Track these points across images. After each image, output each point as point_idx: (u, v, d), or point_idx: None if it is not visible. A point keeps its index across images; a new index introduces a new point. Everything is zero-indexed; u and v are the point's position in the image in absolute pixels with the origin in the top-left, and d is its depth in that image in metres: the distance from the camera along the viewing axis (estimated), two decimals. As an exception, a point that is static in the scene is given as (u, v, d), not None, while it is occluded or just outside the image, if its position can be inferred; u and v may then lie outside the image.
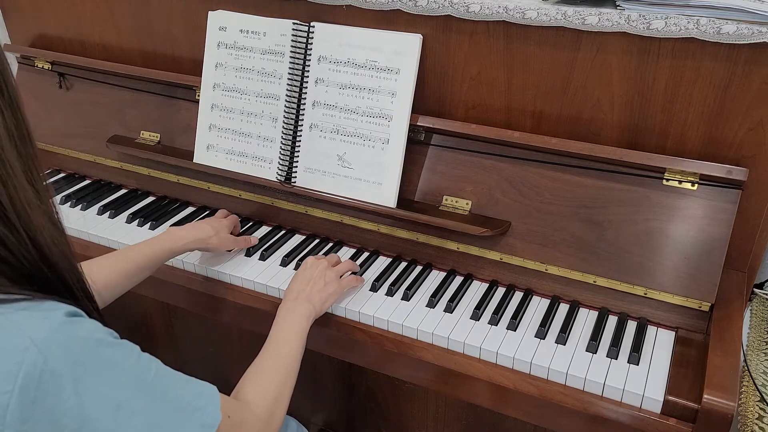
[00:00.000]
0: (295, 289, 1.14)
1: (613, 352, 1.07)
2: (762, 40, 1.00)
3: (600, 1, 1.13)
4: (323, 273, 1.17)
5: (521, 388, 1.06)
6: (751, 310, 1.32)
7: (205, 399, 0.78)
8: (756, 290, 1.34)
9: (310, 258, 1.21)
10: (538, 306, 1.19)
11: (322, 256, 1.26)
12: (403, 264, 1.31)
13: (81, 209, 1.51)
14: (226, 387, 0.94)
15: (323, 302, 1.14)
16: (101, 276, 1.09)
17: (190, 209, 1.51)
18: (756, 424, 1.06)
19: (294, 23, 1.31)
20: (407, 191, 1.30)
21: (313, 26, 1.30)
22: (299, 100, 1.34)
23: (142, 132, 1.56)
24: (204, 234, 1.25)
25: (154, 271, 1.20)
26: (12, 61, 1.79)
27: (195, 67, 1.48)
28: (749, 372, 1.14)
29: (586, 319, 1.15)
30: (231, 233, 1.35)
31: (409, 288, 1.22)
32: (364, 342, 1.18)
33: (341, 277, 1.21)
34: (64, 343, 0.67)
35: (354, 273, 1.26)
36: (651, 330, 1.12)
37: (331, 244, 1.37)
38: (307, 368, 1.68)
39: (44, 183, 0.74)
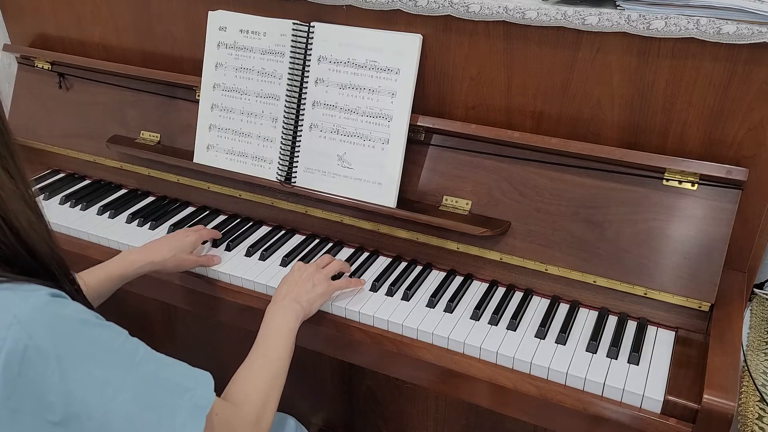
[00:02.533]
0: (282, 290, 1.13)
1: (613, 352, 1.07)
2: (762, 40, 1.00)
3: (600, 1, 1.13)
4: (311, 275, 1.16)
5: (521, 388, 1.06)
6: (751, 310, 1.32)
7: (195, 380, 0.78)
8: (756, 290, 1.34)
9: (298, 262, 1.20)
10: (538, 306, 1.19)
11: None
12: (403, 264, 1.31)
13: (81, 209, 1.51)
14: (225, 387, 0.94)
15: (311, 303, 1.13)
16: None
17: (190, 209, 1.51)
18: (756, 424, 1.06)
19: (294, 23, 1.31)
20: (407, 191, 1.30)
21: (313, 26, 1.30)
22: (299, 100, 1.34)
23: (142, 132, 1.56)
24: (159, 257, 1.21)
25: (109, 296, 1.16)
26: (12, 61, 1.79)
27: (195, 67, 1.48)
28: (749, 372, 1.14)
29: (586, 319, 1.15)
30: (212, 240, 1.34)
31: (409, 288, 1.22)
32: (364, 342, 1.18)
33: (333, 278, 1.20)
34: (48, 321, 0.68)
35: (350, 274, 1.26)
36: (651, 330, 1.12)
37: (331, 244, 1.37)
38: (307, 368, 1.68)
39: (20, 168, 0.73)
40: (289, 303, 1.10)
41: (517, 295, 1.21)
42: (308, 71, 1.31)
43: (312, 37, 1.30)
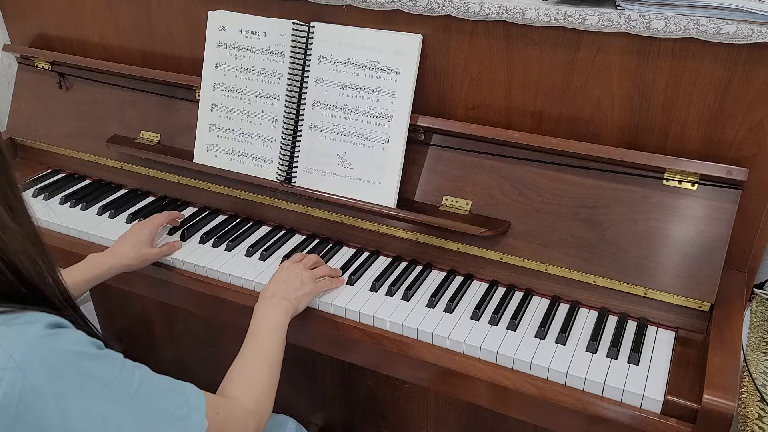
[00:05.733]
0: (270, 288, 1.15)
1: (613, 352, 1.07)
2: (762, 40, 1.00)
3: (600, 1, 1.13)
4: (299, 274, 1.18)
5: (521, 388, 1.06)
6: (751, 310, 1.32)
7: (188, 407, 0.78)
8: (756, 290, 1.34)
9: (286, 261, 1.22)
10: (538, 306, 1.19)
11: (301, 254, 1.27)
12: (403, 264, 1.31)
13: (81, 209, 1.51)
14: (226, 387, 0.94)
15: (299, 300, 1.14)
16: None
17: (190, 209, 1.51)
18: (756, 424, 1.06)
19: (294, 23, 1.31)
20: (407, 191, 1.30)
21: (313, 26, 1.30)
22: (299, 100, 1.34)
23: (142, 132, 1.56)
24: (124, 260, 1.25)
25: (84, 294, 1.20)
26: (12, 61, 1.79)
27: (195, 67, 1.48)
28: (749, 372, 1.14)
29: (586, 319, 1.15)
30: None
31: (409, 288, 1.22)
32: (364, 342, 1.18)
33: (319, 279, 1.21)
34: (44, 358, 0.67)
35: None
36: (651, 330, 1.12)
37: (331, 244, 1.37)
38: (307, 368, 1.69)
39: (21, 200, 0.72)
40: (278, 300, 1.12)
41: (517, 295, 1.21)
42: (308, 71, 1.31)
43: (312, 37, 1.30)
